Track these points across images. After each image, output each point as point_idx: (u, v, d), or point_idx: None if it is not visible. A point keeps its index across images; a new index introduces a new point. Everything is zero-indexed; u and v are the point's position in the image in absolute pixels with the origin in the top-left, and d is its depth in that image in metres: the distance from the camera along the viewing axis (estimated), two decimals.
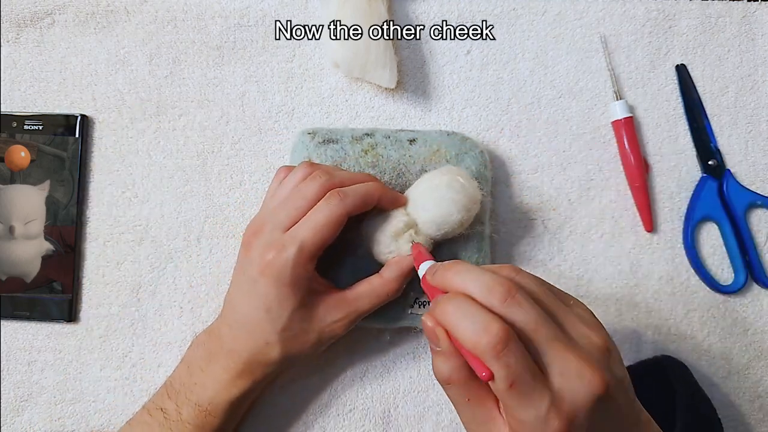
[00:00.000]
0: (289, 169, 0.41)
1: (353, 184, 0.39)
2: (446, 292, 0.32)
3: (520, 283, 0.30)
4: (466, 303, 0.29)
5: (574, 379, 0.28)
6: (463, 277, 0.31)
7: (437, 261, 0.43)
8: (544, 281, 0.32)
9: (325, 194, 0.38)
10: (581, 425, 0.28)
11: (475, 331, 0.28)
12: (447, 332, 0.31)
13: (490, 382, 0.28)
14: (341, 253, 0.41)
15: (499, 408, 0.31)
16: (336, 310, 0.39)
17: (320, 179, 0.38)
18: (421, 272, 0.36)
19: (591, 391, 0.28)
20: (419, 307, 0.43)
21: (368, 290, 0.40)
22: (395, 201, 0.40)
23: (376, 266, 0.41)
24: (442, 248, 0.43)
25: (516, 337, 0.28)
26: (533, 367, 0.28)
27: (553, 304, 0.31)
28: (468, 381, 0.31)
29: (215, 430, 0.40)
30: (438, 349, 0.31)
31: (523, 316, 0.29)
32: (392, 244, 0.40)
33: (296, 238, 0.37)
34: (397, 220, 0.40)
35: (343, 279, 0.41)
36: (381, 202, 0.40)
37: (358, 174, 0.42)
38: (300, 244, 0.36)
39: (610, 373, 0.29)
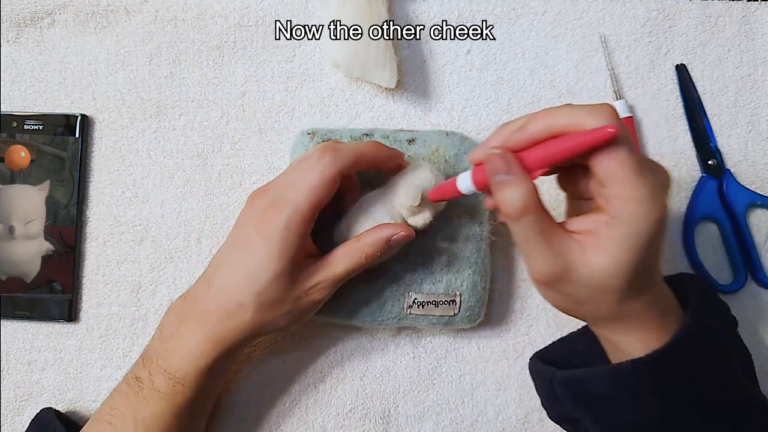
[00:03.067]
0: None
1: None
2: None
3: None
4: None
5: (661, 173, 0.33)
6: (560, 110, 0.31)
7: (438, 259, 0.43)
8: None
9: (339, 179, 0.37)
10: (666, 216, 0.31)
11: (589, 109, 0.30)
12: (513, 156, 0.32)
13: (600, 160, 0.30)
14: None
15: (569, 232, 0.32)
16: (313, 276, 0.38)
17: (325, 145, 0.38)
18: (463, 180, 0.35)
19: (669, 186, 0.33)
20: (418, 308, 0.43)
21: (343, 253, 0.39)
22: (394, 157, 0.40)
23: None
24: (441, 249, 0.43)
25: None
26: (640, 154, 0.32)
27: None
28: (541, 208, 0.32)
29: (188, 402, 0.39)
30: (507, 178, 0.31)
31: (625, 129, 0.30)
32: (418, 197, 0.38)
33: (290, 199, 0.36)
34: (406, 194, 0.38)
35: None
36: (378, 160, 0.39)
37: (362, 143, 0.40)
38: (294, 206, 0.36)
39: None
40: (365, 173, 0.42)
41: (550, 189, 0.48)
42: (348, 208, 0.40)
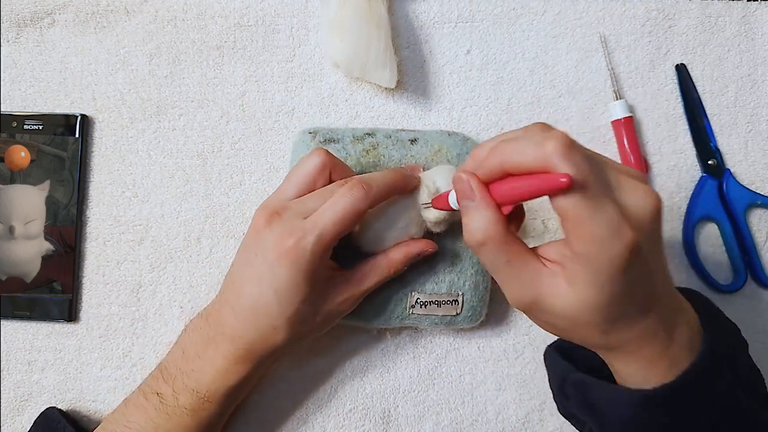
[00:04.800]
0: (326, 153, 0.39)
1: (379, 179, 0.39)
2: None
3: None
4: (520, 135, 0.30)
5: (639, 194, 0.28)
6: (511, 147, 0.29)
7: (441, 259, 0.43)
8: None
9: (366, 206, 0.37)
10: (646, 240, 0.28)
11: (538, 145, 0.27)
12: (479, 182, 0.31)
13: (555, 199, 0.28)
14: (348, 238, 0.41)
15: (541, 260, 0.31)
16: (342, 291, 0.39)
17: (363, 191, 0.37)
18: (453, 198, 0.35)
19: (654, 206, 0.28)
20: (420, 307, 0.43)
21: (373, 268, 0.40)
22: (413, 183, 0.40)
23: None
24: (444, 249, 0.43)
25: (578, 143, 0.28)
26: (600, 173, 0.28)
27: (590, 150, 0.30)
28: (505, 237, 0.30)
29: (212, 416, 0.39)
30: (473, 204, 0.31)
31: (582, 157, 0.28)
32: (418, 216, 0.40)
33: (317, 226, 0.36)
34: (422, 192, 0.40)
35: (349, 260, 0.41)
36: (402, 190, 0.40)
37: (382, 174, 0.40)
38: (320, 234, 0.36)
39: None
40: None
41: None
42: (368, 219, 0.40)
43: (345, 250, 0.40)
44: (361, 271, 0.40)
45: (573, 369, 0.37)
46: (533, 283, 0.30)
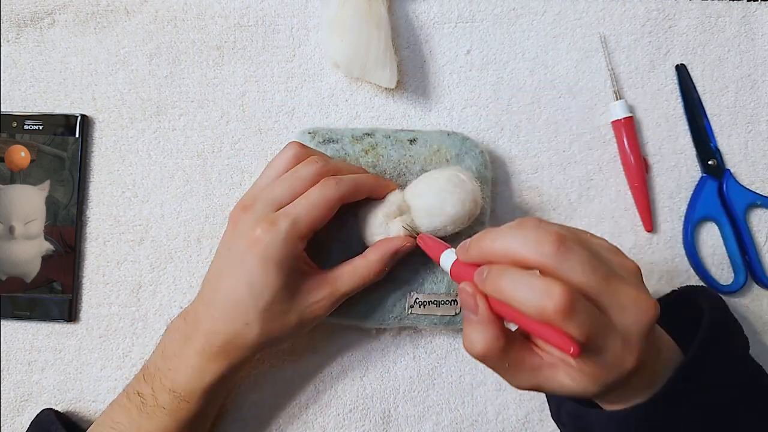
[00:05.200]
0: (300, 146, 0.40)
1: (348, 172, 0.40)
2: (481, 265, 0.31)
3: (560, 232, 0.29)
4: (520, 272, 0.28)
5: (633, 310, 0.28)
6: (504, 240, 0.30)
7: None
8: None
9: (320, 179, 0.38)
10: (646, 350, 0.29)
11: (539, 298, 0.27)
12: (486, 298, 0.30)
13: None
14: (330, 241, 0.41)
15: (539, 354, 0.31)
16: (317, 291, 0.39)
17: (318, 164, 0.38)
18: (445, 260, 0.34)
19: (650, 317, 0.29)
20: (419, 307, 0.43)
21: (350, 270, 0.39)
22: (387, 188, 0.41)
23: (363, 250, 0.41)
24: None
25: (579, 294, 0.27)
26: (600, 315, 0.28)
27: (586, 242, 0.30)
28: (504, 348, 0.30)
29: (192, 416, 0.39)
30: (475, 318, 0.31)
31: (579, 264, 0.28)
32: (382, 226, 0.40)
33: (290, 214, 0.36)
34: (390, 202, 0.40)
35: (330, 264, 0.41)
36: (373, 192, 0.40)
37: (352, 166, 0.42)
38: (293, 220, 0.36)
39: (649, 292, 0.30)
40: None
41: (550, 189, 0.48)
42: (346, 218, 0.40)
43: (328, 255, 0.41)
44: (338, 271, 0.39)
45: (565, 399, 0.38)
46: (532, 376, 0.31)
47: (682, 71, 0.49)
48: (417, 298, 0.43)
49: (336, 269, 0.40)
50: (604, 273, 0.29)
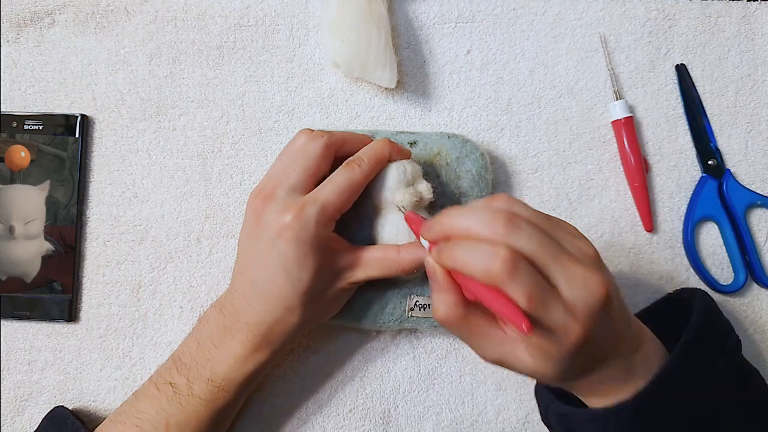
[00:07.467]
0: (309, 131, 0.41)
1: (354, 142, 0.40)
2: None
3: (514, 211, 0.31)
4: (469, 242, 0.31)
5: (581, 286, 0.30)
6: (460, 218, 0.32)
7: None
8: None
9: (329, 151, 0.39)
10: (593, 328, 0.30)
11: (485, 261, 0.29)
12: (446, 271, 0.32)
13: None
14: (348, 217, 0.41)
15: (502, 328, 0.33)
16: (350, 268, 0.39)
17: (323, 138, 0.39)
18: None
19: (599, 295, 0.30)
20: (420, 310, 0.43)
21: (382, 258, 0.39)
22: (401, 153, 0.41)
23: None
24: None
25: (523, 257, 0.29)
26: (544, 282, 0.30)
27: (545, 224, 0.32)
28: (464, 316, 0.33)
29: (227, 405, 0.40)
30: (435, 284, 0.33)
31: (527, 239, 0.30)
32: (390, 191, 0.40)
33: (317, 199, 0.37)
34: (401, 170, 0.40)
35: (343, 228, 0.40)
36: (391, 159, 0.41)
37: (357, 134, 0.42)
38: (322, 204, 0.37)
39: (608, 276, 0.31)
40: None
41: (550, 189, 0.48)
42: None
43: (346, 230, 0.41)
44: (369, 254, 0.39)
45: (554, 399, 0.38)
46: (495, 348, 0.33)
47: (682, 71, 0.49)
48: (417, 301, 0.43)
49: (369, 251, 0.40)
50: (554, 248, 0.30)
